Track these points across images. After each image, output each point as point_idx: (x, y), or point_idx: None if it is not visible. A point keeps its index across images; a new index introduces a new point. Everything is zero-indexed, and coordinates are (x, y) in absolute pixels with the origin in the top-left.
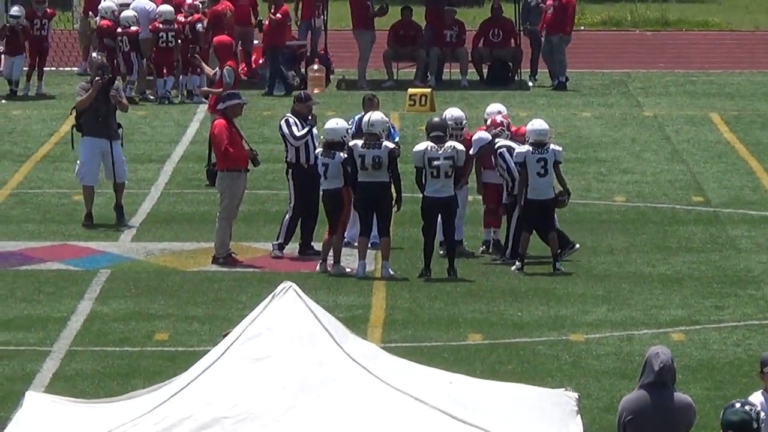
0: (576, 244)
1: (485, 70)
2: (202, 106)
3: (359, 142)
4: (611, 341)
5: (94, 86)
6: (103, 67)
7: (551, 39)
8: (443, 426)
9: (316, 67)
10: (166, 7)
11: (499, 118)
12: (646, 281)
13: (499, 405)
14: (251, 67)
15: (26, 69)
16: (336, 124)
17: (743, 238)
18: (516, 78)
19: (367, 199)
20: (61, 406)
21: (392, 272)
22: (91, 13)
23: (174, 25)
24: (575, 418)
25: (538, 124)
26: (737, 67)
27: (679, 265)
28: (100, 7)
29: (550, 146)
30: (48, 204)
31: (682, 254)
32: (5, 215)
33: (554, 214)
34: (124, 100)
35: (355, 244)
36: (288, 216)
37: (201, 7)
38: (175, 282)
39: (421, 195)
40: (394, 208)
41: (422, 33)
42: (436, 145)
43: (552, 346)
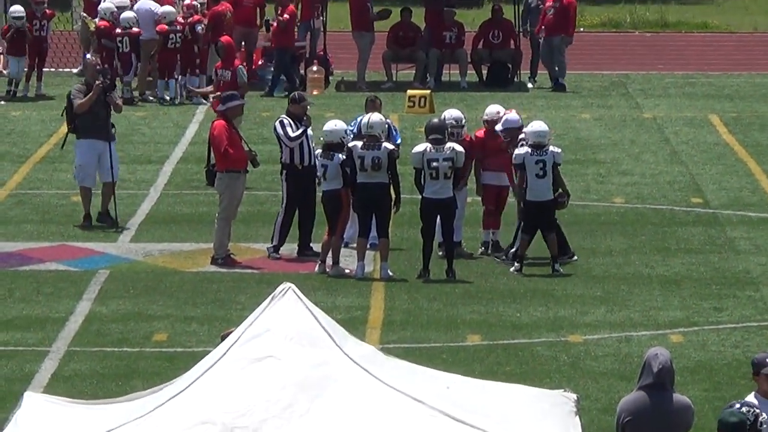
0: (575, 256)
1: (485, 72)
2: (201, 107)
3: (359, 143)
4: (610, 342)
5: (94, 90)
6: (103, 71)
7: (551, 40)
8: (442, 427)
9: (315, 68)
10: (170, 8)
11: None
12: (644, 282)
13: (497, 406)
14: (251, 68)
15: (26, 70)
16: (335, 125)
17: (742, 240)
18: (515, 79)
19: (367, 200)
20: (59, 406)
21: (391, 273)
22: (84, 14)
23: (178, 26)
24: (574, 419)
25: (537, 125)
26: (736, 68)
27: (677, 267)
28: (99, 8)
29: (549, 148)
30: (47, 205)
31: (681, 255)
32: (4, 216)
33: (554, 215)
34: (119, 101)
35: (354, 245)
36: (281, 218)
37: (200, 8)
38: (174, 283)
39: (420, 196)
40: (393, 210)
41: (421, 34)
42: (435, 147)
43: (551, 347)
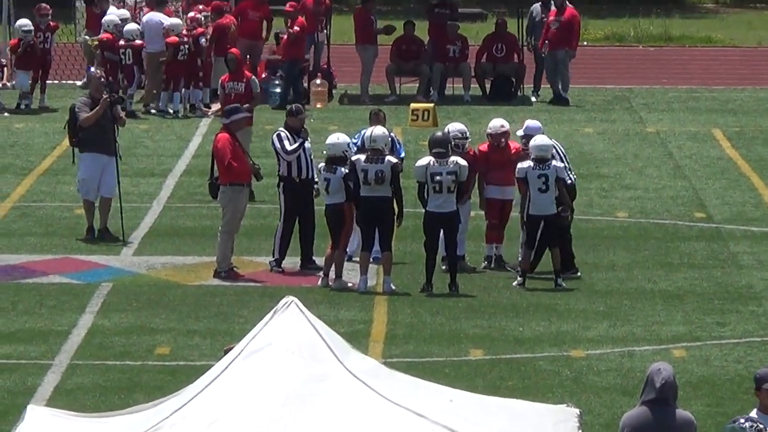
0: (578, 272)
1: (488, 86)
2: (204, 120)
3: (362, 157)
4: (612, 357)
5: (102, 104)
6: (110, 84)
7: (555, 54)
8: None
9: (318, 81)
10: (177, 20)
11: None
12: (647, 297)
13: (500, 420)
14: None
15: (29, 82)
16: (337, 138)
17: (745, 255)
18: (519, 93)
19: (369, 213)
20: (62, 419)
21: (394, 287)
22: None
23: (185, 39)
24: None
25: (540, 140)
26: (740, 83)
27: (680, 281)
28: (103, 21)
29: (552, 162)
30: (50, 217)
31: (684, 270)
32: (7, 228)
33: (557, 230)
34: (123, 116)
35: (357, 258)
36: (279, 231)
37: (204, 21)
38: (177, 296)
39: (423, 210)
40: (396, 223)
41: (425, 48)
42: (438, 160)
43: (553, 361)
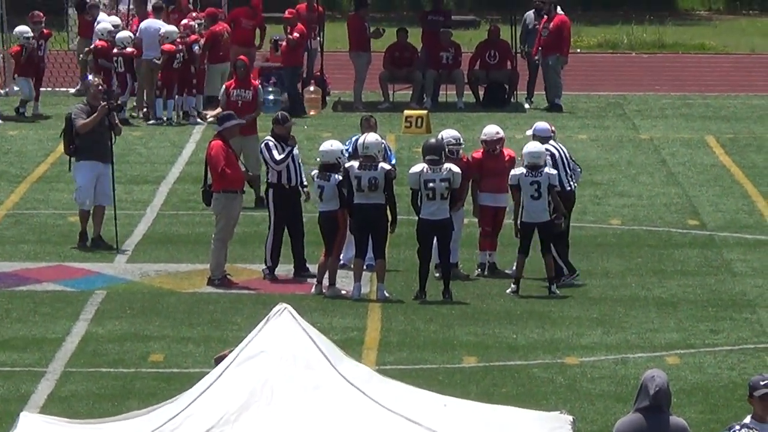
0: (576, 272)
1: (481, 92)
2: (198, 127)
3: (355, 164)
4: (606, 364)
5: (100, 111)
6: (108, 92)
7: (547, 60)
8: None
9: (312, 88)
10: (172, 27)
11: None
12: (641, 304)
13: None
14: None
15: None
16: (331, 146)
17: (738, 262)
18: (512, 100)
19: (363, 220)
20: (56, 426)
21: (387, 294)
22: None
23: (180, 46)
24: None
25: (532, 146)
26: (733, 90)
27: (674, 289)
28: (97, 29)
29: (544, 170)
30: (44, 225)
31: (678, 278)
32: (1, 236)
33: (550, 237)
34: (118, 123)
35: (351, 266)
36: (270, 239)
37: (198, 28)
38: (171, 303)
39: (416, 217)
40: (390, 230)
41: (418, 55)
42: (431, 167)
43: (547, 369)
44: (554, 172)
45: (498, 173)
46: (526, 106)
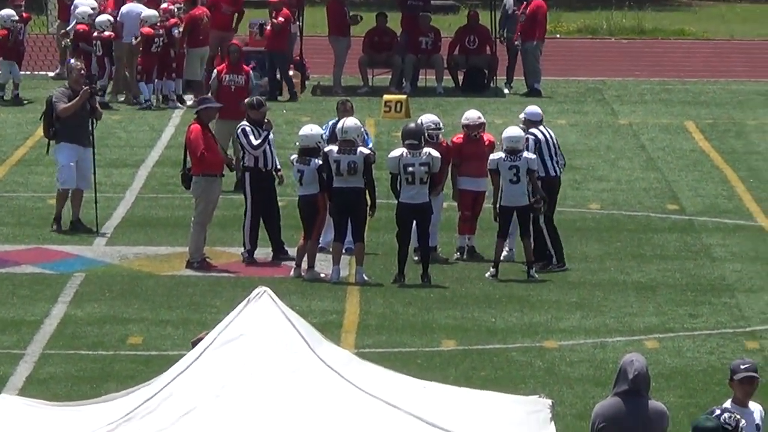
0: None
1: (461, 77)
2: (177, 111)
3: (334, 148)
4: (585, 348)
5: (82, 95)
6: (90, 76)
7: (527, 46)
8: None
9: (291, 72)
10: (152, 11)
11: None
12: (620, 289)
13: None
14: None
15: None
16: (310, 130)
17: (717, 247)
18: (491, 85)
19: (342, 204)
20: (34, 409)
21: (366, 278)
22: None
23: (159, 30)
24: (549, 424)
25: (511, 131)
26: (713, 75)
27: (653, 273)
28: (76, 12)
29: (523, 154)
30: (22, 208)
31: (657, 262)
32: None
33: (529, 221)
34: (99, 108)
35: (330, 249)
36: (248, 222)
37: (177, 12)
38: (149, 286)
39: (395, 201)
40: (369, 214)
41: (397, 39)
42: (411, 152)
43: (526, 352)
44: (533, 156)
45: (478, 158)
46: (506, 91)
